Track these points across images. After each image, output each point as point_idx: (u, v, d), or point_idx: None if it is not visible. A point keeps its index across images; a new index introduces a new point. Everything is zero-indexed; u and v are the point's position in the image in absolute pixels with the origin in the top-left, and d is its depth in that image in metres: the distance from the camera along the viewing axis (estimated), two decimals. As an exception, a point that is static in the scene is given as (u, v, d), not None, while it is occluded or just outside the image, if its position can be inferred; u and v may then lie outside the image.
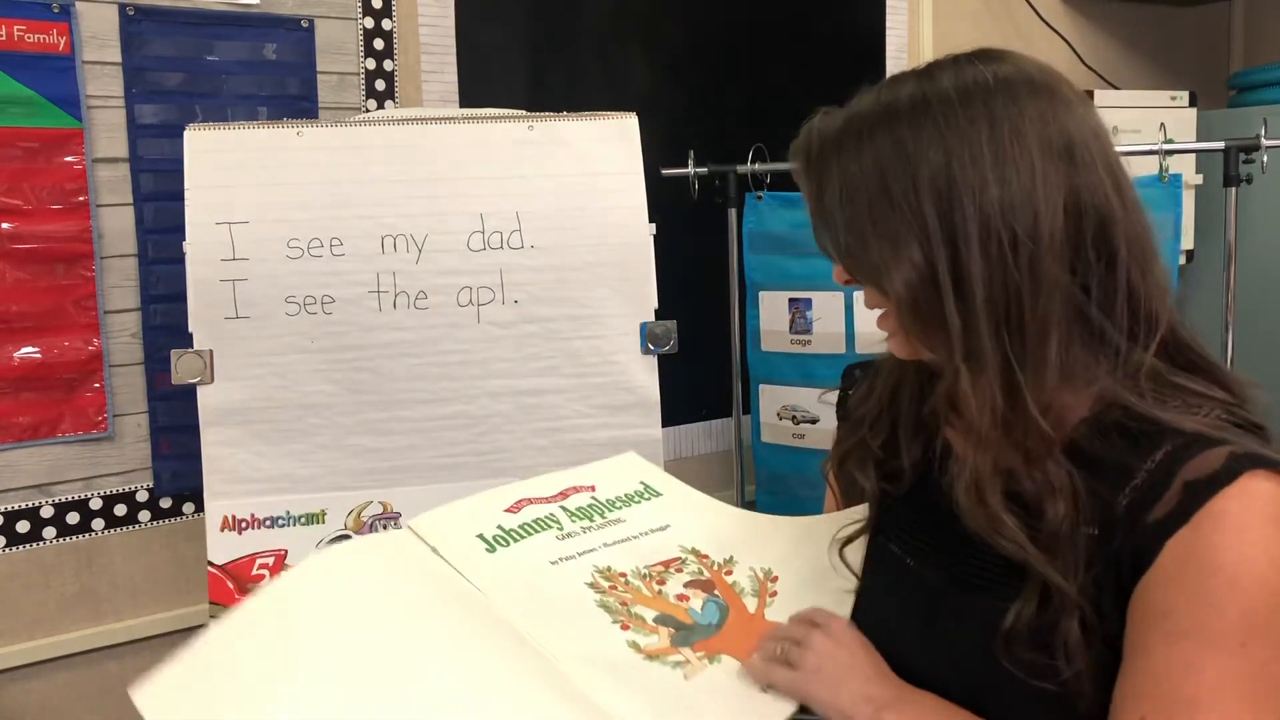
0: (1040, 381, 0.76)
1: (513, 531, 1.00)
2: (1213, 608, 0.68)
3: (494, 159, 1.51)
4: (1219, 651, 0.68)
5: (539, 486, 1.06)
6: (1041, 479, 0.76)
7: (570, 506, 1.04)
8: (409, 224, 1.48)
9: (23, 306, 1.54)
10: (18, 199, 1.53)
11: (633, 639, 0.91)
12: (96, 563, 1.63)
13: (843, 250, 0.82)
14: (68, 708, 1.64)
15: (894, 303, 0.79)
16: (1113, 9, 2.66)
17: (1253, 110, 2.37)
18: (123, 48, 1.58)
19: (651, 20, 2.08)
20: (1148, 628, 0.71)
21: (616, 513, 1.05)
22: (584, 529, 1.02)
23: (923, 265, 0.76)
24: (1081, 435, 0.78)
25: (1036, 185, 0.75)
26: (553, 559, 0.97)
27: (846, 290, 1.91)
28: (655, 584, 0.97)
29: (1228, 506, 0.70)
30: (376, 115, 1.59)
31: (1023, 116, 0.76)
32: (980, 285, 0.75)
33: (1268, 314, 2.37)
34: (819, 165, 0.81)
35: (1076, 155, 0.76)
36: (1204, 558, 0.69)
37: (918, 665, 0.83)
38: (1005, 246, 0.75)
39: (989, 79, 0.77)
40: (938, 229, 0.76)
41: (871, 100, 0.81)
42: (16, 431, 1.56)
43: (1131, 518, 0.73)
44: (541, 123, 1.53)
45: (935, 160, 0.76)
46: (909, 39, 2.38)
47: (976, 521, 0.77)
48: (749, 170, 1.95)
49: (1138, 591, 0.72)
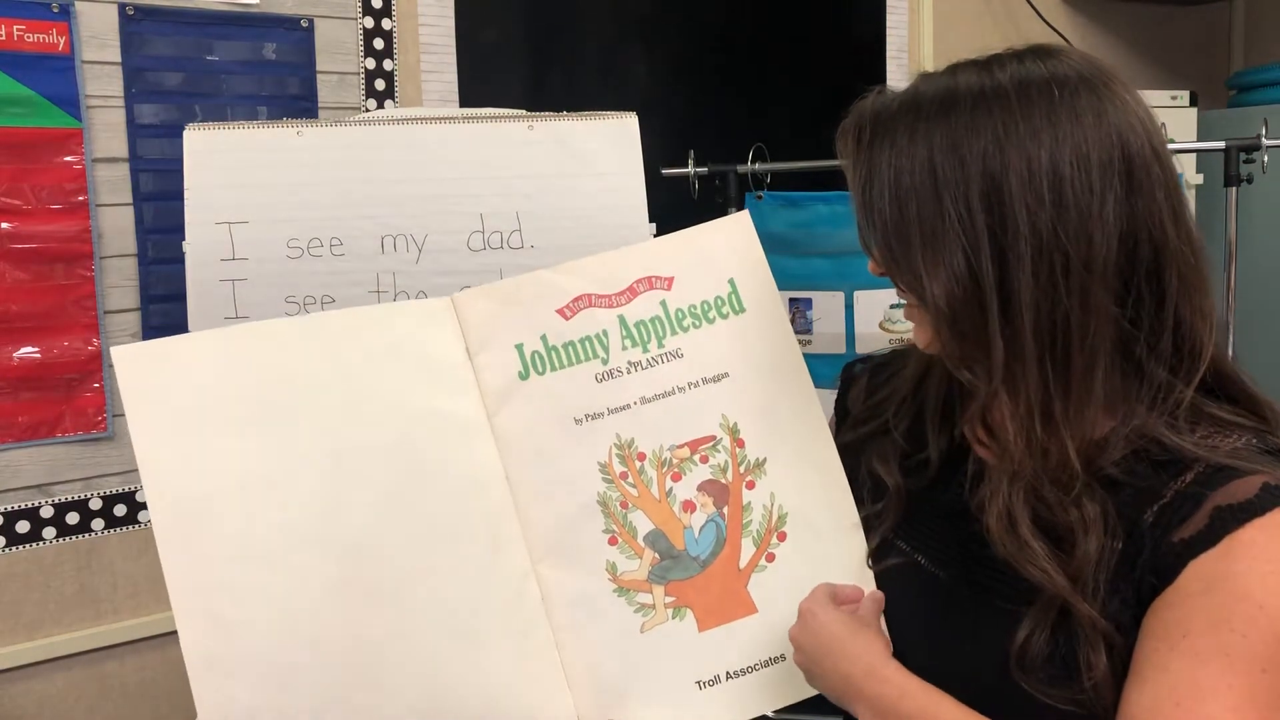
0: (1081, 414, 0.74)
1: (555, 351, 0.93)
2: (1235, 633, 0.68)
3: (494, 159, 1.51)
4: (1238, 675, 0.67)
5: (611, 269, 0.95)
6: (1076, 514, 0.74)
7: (630, 319, 0.93)
8: (409, 224, 1.48)
9: (23, 306, 1.54)
10: (17, 199, 1.53)
11: (612, 559, 0.90)
12: (96, 563, 1.63)
13: (883, 248, 0.78)
14: (67, 708, 1.64)
15: (930, 312, 0.76)
16: (1113, 9, 2.66)
17: (1253, 110, 2.37)
18: (122, 48, 1.58)
19: (651, 20, 2.08)
20: (1166, 646, 0.70)
21: (678, 338, 0.94)
22: (630, 366, 0.93)
23: (966, 278, 0.73)
24: (1113, 464, 0.75)
25: (1094, 210, 0.71)
26: (579, 415, 0.92)
27: (846, 290, 1.91)
28: (670, 478, 0.92)
29: (1257, 537, 0.69)
30: (376, 115, 1.59)
31: (1085, 132, 0.72)
32: (1029, 310, 0.72)
33: (1268, 314, 2.37)
34: (869, 154, 0.78)
35: (1136, 178, 0.73)
36: (1232, 584, 0.68)
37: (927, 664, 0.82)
38: (1058, 271, 0.71)
39: (1050, 82, 0.74)
40: (987, 243, 0.72)
41: (930, 90, 0.77)
42: (16, 431, 1.56)
43: (1156, 535, 0.72)
44: (541, 123, 1.53)
45: (992, 170, 0.72)
46: (909, 39, 2.38)
47: (1006, 548, 0.76)
48: (749, 170, 1.95)
49: (1154, 607, 0.71)
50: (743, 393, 0.94)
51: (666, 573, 0.91)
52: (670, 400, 0.93)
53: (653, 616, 0.91)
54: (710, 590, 0.91)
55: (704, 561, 0.91)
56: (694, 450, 0.93)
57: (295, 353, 0.89)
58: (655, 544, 0.91)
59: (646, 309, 0.94)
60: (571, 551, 0.90)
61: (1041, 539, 0.75)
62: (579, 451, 0.91)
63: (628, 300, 0.94)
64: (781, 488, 0.94)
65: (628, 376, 0.93)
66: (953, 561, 0.84)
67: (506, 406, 0.91)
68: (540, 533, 0.90)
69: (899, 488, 0.89)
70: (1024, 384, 0.74)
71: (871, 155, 0.77)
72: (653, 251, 0.97)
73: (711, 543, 0.92)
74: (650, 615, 0.91)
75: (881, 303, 1.86)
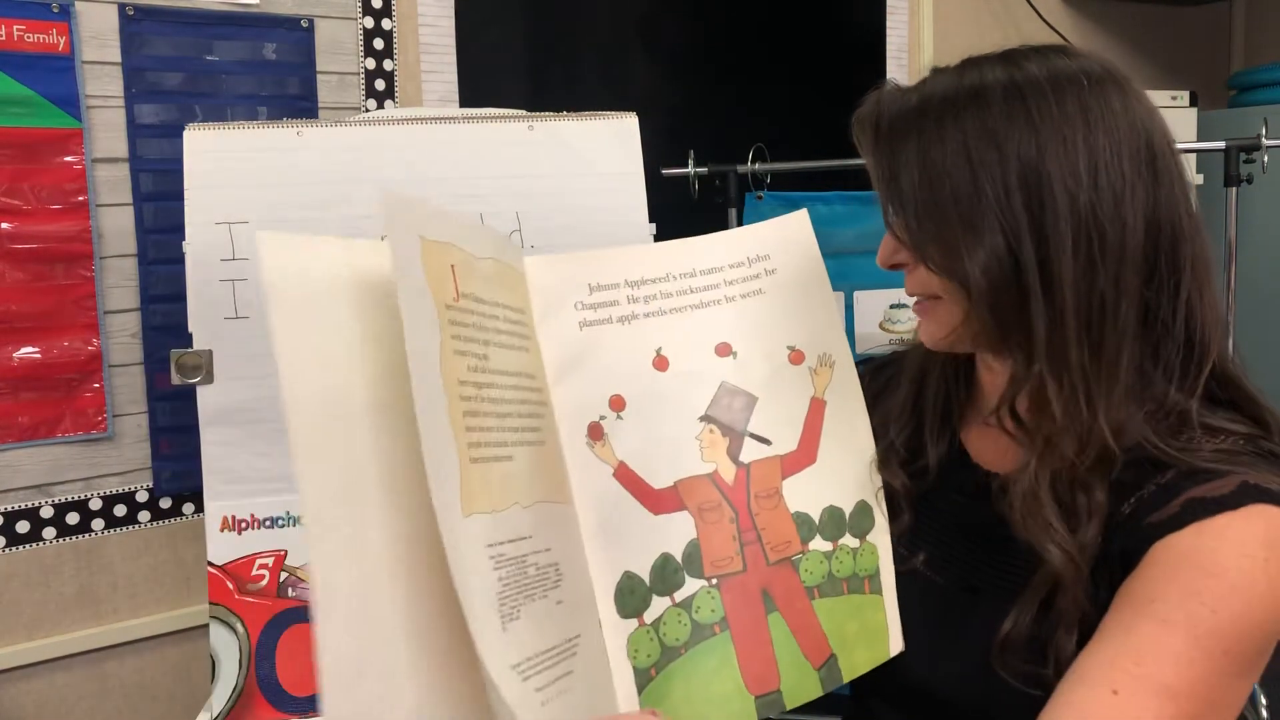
0: (1112, 397, 0.75)
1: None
2: (1206, 606, 0.68)
3: (494, 159, 1.51)
4: (1201, 651, 0.68)
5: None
6: (1084, 498, 0.75)
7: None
8: (409, 224, 1.48)
9: (22, 306, 1.54)
10: (17, 199, 1.53)
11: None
12: (96, 563, 1.63)
13: (915, 235, 0.78)
14: (67, 708, 1.64)
15: (968, 294, 0.77)
16: (1113, 9, 2.66)
17: (1253, 110, 2.37)
18: (122, 48, 1.58)
19: (651, 20, 2.08)
20: (1132, 611, 0.70)
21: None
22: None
23: (1005, 257, 0.74)
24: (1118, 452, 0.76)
25: (1126, 194, 0.74)
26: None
27: (846, 290, 1.91)
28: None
29: (1230, 523, 0.69)
30: (376, 115, 1.59)
31: (1115, 120, 0.75)
32: (1070, 290, 0.73)
33: (1268, 314, 2.37)
34: (891, 143, 0.78)
35: (1159, 166, 0.76)
36: (1204, 559, 0.69)
37: (927, 669, 0.83)
38: (1095, 251, 0.73)
39: (1080, 74, 0.76)
40: (1026, 224, 0.74)
41: (952, 81, 0.78)
42: (16, 431, 1.56)
43: (1131, 523, 0.73)
44: (541, 123, 1.53)
45: (1028, 153, 0.74)
46: (909, 39, 2.38)
47: (1029, 529, 0.76)
48: (749, 170, 1.95)
49: (1122, 587, 0.72)
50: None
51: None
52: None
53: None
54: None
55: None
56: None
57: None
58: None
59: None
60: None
61: (1063, 521, 0.75)
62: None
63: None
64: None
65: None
66: (949, 564, 0.84)
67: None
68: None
69: (908, 490, 0.89)
70: (1066, 364, 0.75)
71: (893, 145, 0.78)
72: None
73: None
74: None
75: (881, 303, 1.86)
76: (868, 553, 0.91)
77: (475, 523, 0.70)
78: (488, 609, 0.69)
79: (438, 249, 0.74)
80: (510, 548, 0.72)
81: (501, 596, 0.70)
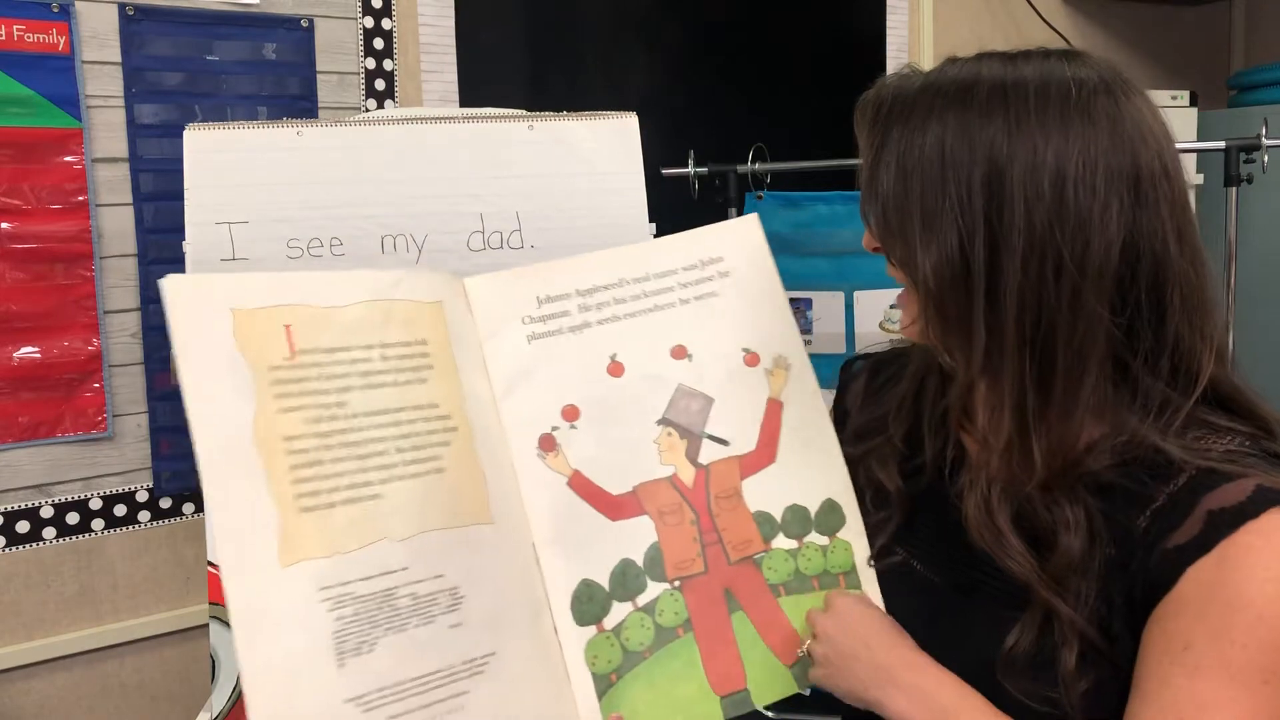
0: (1067, 416, 0.73)
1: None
2: (1236, 644, 0.67)
3: (494, 159, 1.51)
4: (1241, 689, 0.67)
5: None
6: (1057, 512, 0.74)
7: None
8: (409, 224, 1.48)
9: (23, 306, 1.54)
10: (17, 199, 1.53)
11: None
12: (96, 563, 1.63)
13: (881, 220, 0.78)
14: (67, 708, 1.64)
15: (919, 290, 0.76)
16: (1113, 9, 2.66)
17: (1253, 110, 2.37)
18: (122, 47, 1.58)
19: (651, 20, 2.08)
20: (1168, 660, 0.69)
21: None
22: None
23: (957, 259, 0.73)
24: (1103, 468, 0.75)
25: (1095, 215, 0.71)
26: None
27: (846, 290, 1.91)
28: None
29: (1253, 542, 0.68)
30: (376, 115, 1.59)
31: (1097, 136, 0.72)
32: (1013, 301, 0.72)
33: (1268, 314, 2.37)
34: (883, 127, 0.78)
35: (1142, 190, 0.72)
36: (1229, 593, 0.68)
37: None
38: (1048, 268, 0.71)
39: (1071, 83, 0.73)
40: (982, 228, 0.72)
41: (953, 75, 0.77)
42: (16, 431, 1.56)
43: (1150, 541, 0.71)
44: (541, 123, 1.53)
45: (997, 157, 0.72)
46: (909, 39, 2.38)
47: (983, 537, 0.76)
48: (749, 170, 1.95)
49: (1154, 618, 0.71)
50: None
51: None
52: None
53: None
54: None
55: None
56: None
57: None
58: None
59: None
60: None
61: (1020, 535, 0.75)
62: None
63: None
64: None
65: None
66: (946, 565, 0.84)
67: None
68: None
69: (900, 491, 0.89)
70: (1002, 375, 0.74)
71: (885, 129, 0.78)
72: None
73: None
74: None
75: (881, 303, 1.86)
76: (840, 550, 0.92)
77: (301, 570, 0.76)
78: (317, 650, 0.75)
79: (261, 315, 0.80)
80: (362, 585, 0.78)
81: (340, 635, 0.76)
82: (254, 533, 0.77)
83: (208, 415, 0.78)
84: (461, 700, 0.81)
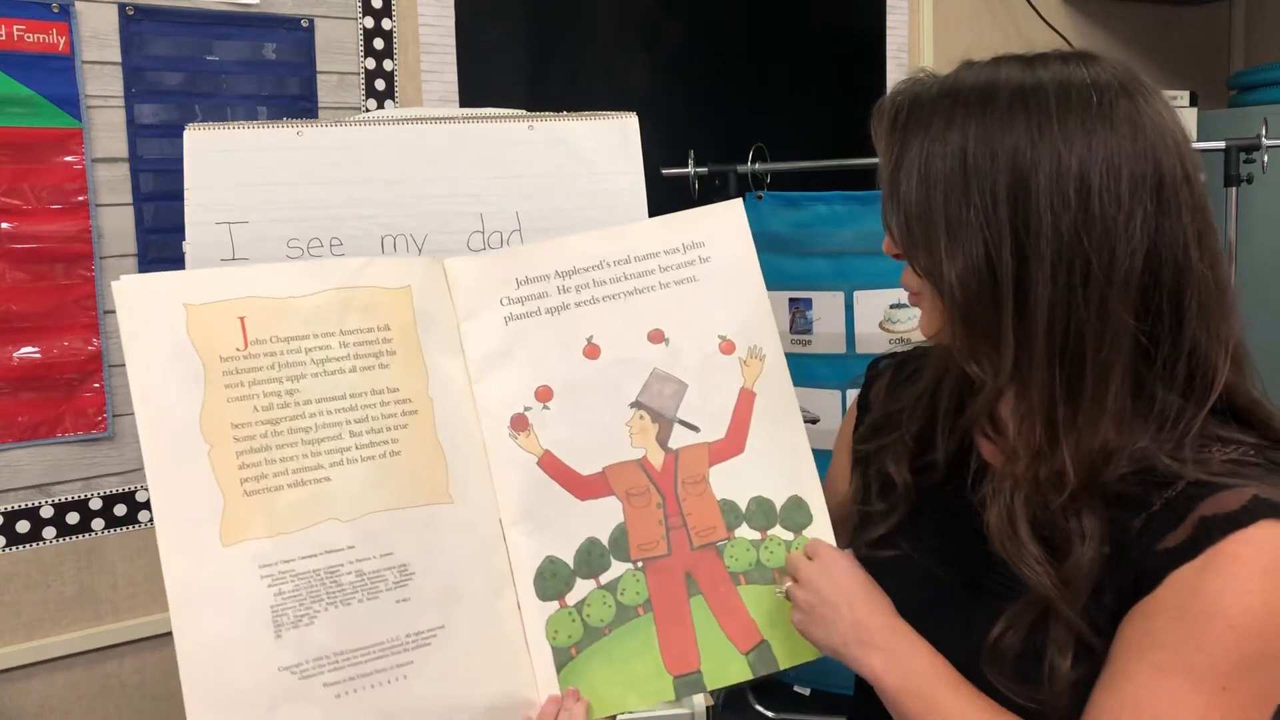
0: (1090, 425, 0.73)
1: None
2: (1203, 650, 0.68)
3: (494, 159, 1.51)
4: (1202, 693, 0.68)
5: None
6: (1074, 522, 0.74)
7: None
8: (409, 224, 1.48)
9: (23, 306, 1.54)
10: (17, 199, 1.53)
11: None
12: (96, 563, 1.63)
13: (904, 229, 0.77)
14: (67, 708, 1.64)
15: (945, 299, 0.76)
16: (1113, 9, 2.66)
17: (1253, 110, 2.37)
18: (122, 47, 1.58)
19: (651, 20, 2.08)
20: (1136, 654, 0.71)
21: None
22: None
23: (984, 269, 0.73)
24: (1115, 478, 0.75)
25: (1120, 223, 0.71)
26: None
27: (846, 290, 1.91)
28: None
29: (1239, 551, 0.68)
30: (376, 115, 1.59)
31: (1120, 143, 0.71)
32: (1043, 310, 0.72)
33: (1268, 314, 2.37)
34: (902, 134, 0.77)
35: (1165, 197, 0.72)
36: (1205, 601, 0.68)
37: None
38: (1077, 277, 0.71)
39: (1091, 88, 0.73)
40: (1009, 238, 0.72)
41: (971, 80, 0.76)
42: (16, 431, 1.56)
43: (1144, 542, 0.72)
44: (541, 123, 1.53)
45: (1021, 165, 0.71)
46: (909, 39, 2.38)
47: (1004, 546, 0.76)
48: (749, 170, 1.95)
49: (1133, 614, 0.72)
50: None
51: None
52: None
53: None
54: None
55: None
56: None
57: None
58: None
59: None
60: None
61: (1038, 542, 0.75)
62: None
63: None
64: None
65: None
66: (950, 560, 0.84)
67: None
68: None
69: (908, 486, 0.89)
70: (1032, 384, 0.74)
71: (905, 136, 0.77)
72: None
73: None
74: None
75: (881, 303, 1.86)
76: (804, 547, 0.92)
77: (242, 549, 0.83)
78: (254, 622, 0.82)
79: (215, 309, 0.86)
80: (304, 563, 0.85)
81: (278, 609, 0.83)
82: (197, 514, 0.83)
83: (155, 404, 0.84)
84: (405, 670, 0.86)
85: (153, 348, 0.84)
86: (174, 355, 0.84)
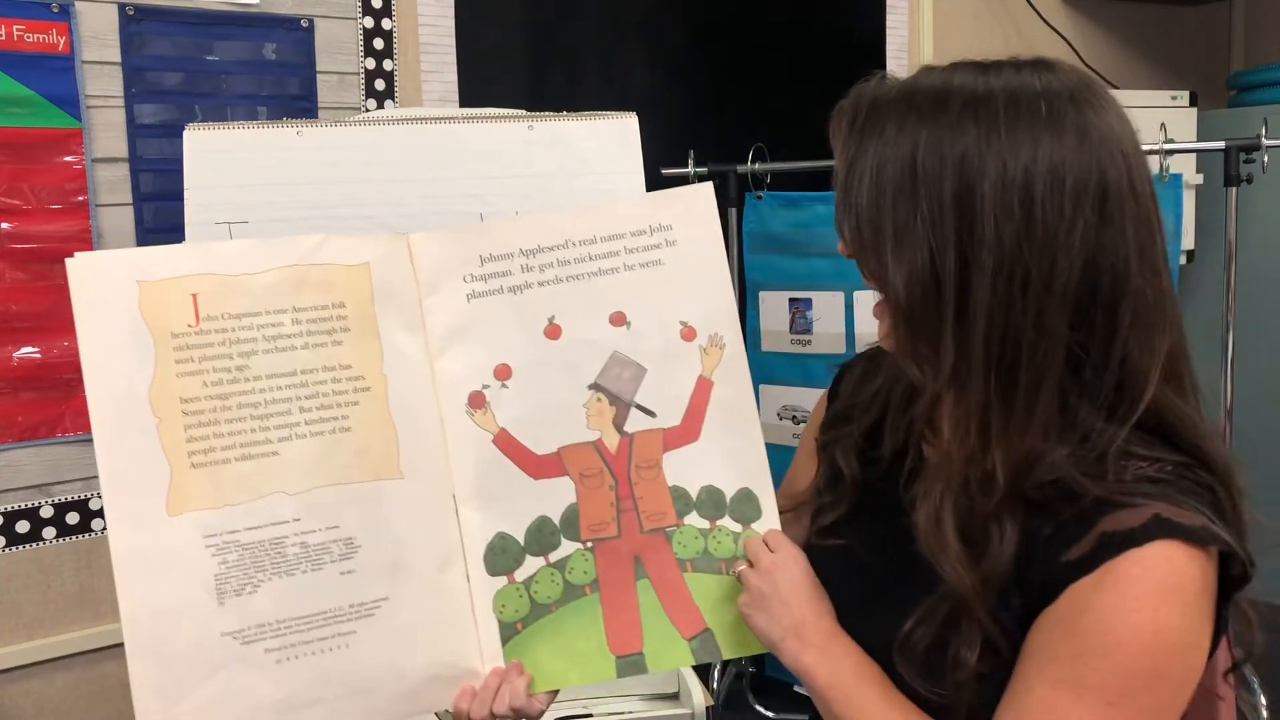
0: (1023, 433, 0.74)
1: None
2: (1090, 665, 0.69)
3: (494, 159, 1.51)
4: (1088, 707, 0.69)
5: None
6: (995, 528, 0.75)
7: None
8: (409, 224, 1.47)
9: (23, 306, 1.54)
10: (17, 199, 1.53)
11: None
12: (96, 563, 1.63)
13: (854, 232, 0.78)
14: (67, 708, 1.64)
15: (889, 304, 0.77)
16: (1113, 9, 2.66)
17: (1253, 110, 2.37)
18: (122, 47, 1.58)
19: (651, 20, 2.08)
20: (1036, 666, 0.72)
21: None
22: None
23: (928, 275, 0.73)
24: (1034, 486, 0.75)
25: (1061, 234, 0.71)
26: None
27: (846, 290, 1.91)
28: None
29: (1130, 570, 0.69)
30: (376, 115, 1.59)
31: (1065, 153, 0.71)
32: (983, 317, 0.72)
33: (1268, 314, 2.37)
34: (859, 138, 0.78)
35: (1109, 209, 0.72)
36: (1095, 617, 0.69)
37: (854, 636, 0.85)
38: (1016, 286, 0.72)
39: (1040, 97, 0.73)
40: (953, 245, 0.72)
41: (926, 85, 0.77)
42: (16, 431, 1.56)
43: (1049, 552, 0.73)
44: (541, 123, 1.53)
45: (968, 174, 0.72)
46: (909, 39, 2.38)
47: (929, 545, 0.77)
48: (749, 170, 1.95)
49: (1038, 622, 0.73)
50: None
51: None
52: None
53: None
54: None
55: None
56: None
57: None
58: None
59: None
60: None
61: (961, 542, 0.76)
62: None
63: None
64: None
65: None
66: (882, 554, 0.85)
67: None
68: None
69: (855, 479, 0.91)
70: (969, 389, 0.75)
71: (860, 140, 0.78)
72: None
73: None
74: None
75: (881, 303, 1.86)
76: (766, 538, 0.93)
77: (187, 520, 0.86)
78: (197, 590, 0.85)
79: (168, 285, 0.87)
80: (249, 534, 0.87)
81: (222, 578, 0.86)
82: (143, 484, 0.85)
83: (104, 379, 0.85)
84: (347, 639, 0.88)
85: (104, 324, 0.86)
86: (125, 331, 0.86)
